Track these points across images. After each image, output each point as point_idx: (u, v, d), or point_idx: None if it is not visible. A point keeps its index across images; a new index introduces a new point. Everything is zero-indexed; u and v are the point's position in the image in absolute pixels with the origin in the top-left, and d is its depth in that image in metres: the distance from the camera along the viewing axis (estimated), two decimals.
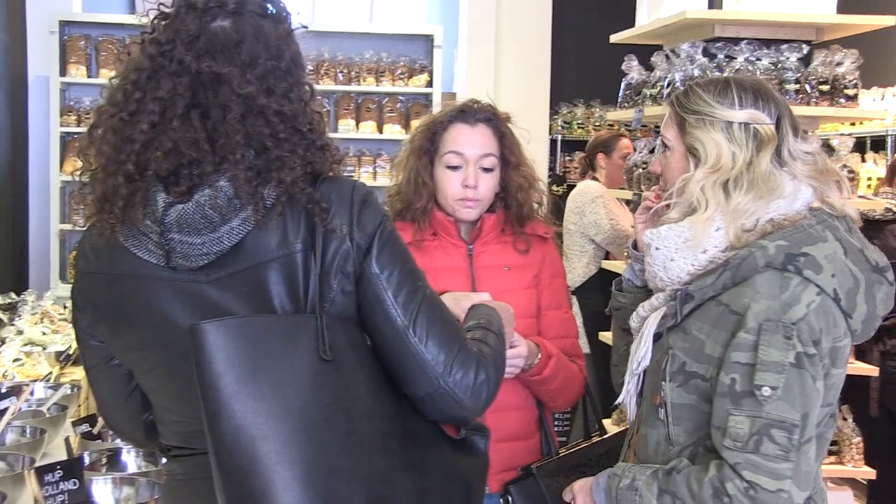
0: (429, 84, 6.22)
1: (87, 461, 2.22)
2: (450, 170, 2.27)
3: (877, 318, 1.72)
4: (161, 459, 2.15)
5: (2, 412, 2.45)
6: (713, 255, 1.73)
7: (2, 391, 2.56)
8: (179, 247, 1.39)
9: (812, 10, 3.43)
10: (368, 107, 6.26)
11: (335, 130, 6.08)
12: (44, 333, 3.73)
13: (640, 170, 3.69)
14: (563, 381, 2.26)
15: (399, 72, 6.24)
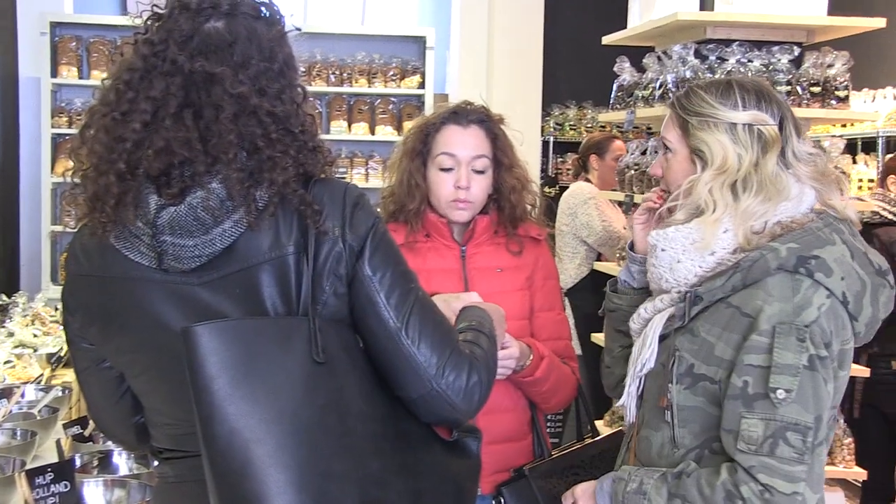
0: (421, 85, 6.23)
1: (79, 463, 2.21)
2: (442, 171, 2.27)
3: (878, 321, 1.72)
4: (152, 462, 2.14)
5: None
6: (721, 257, 1.72)
7: None
8: (171, 249, 1.38)
9: (803, 12, 3.44)
10: (360, 108, 6.26)
11: (327, 132, 6.08)
12: (35, 335, 3.72)
13: (632, 171, 3.69)
14: (556, 383, 2.25)
15: (391, 73, 6.24)
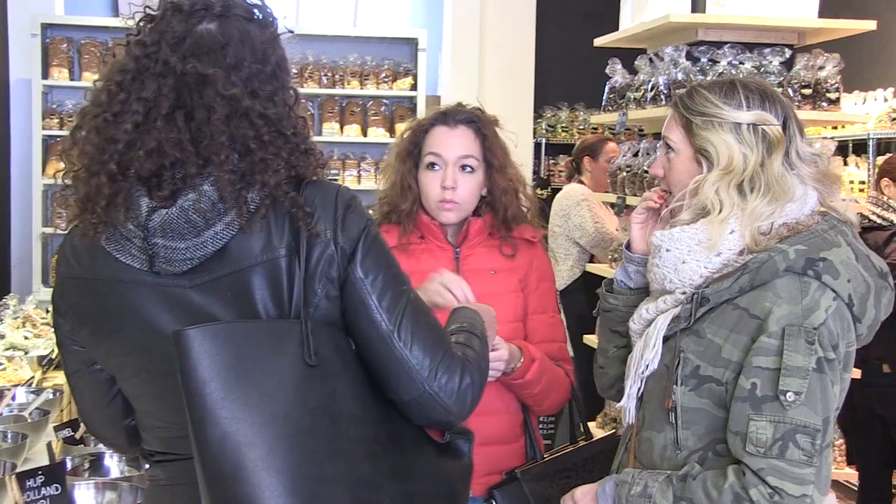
0: (413, 87, 6.22)
1: (70, 466, 2.21)
2: (430, 171, 2.27)
3: (878, 323, 1.72)
4: (144, 465, 2.13)
5: None
6: (727, 258, 1.71)
7: None
8: (163, 252, 1.38)
9: (794, 15, 3.45)
10: (353, 110, 6.25)
11: (319, 134, 6.07)
12: (26, 338, 3.70)
13: (624, 173, 3.70)
14: (548, 386, 2.24)
15: (383, 75, 6.23)
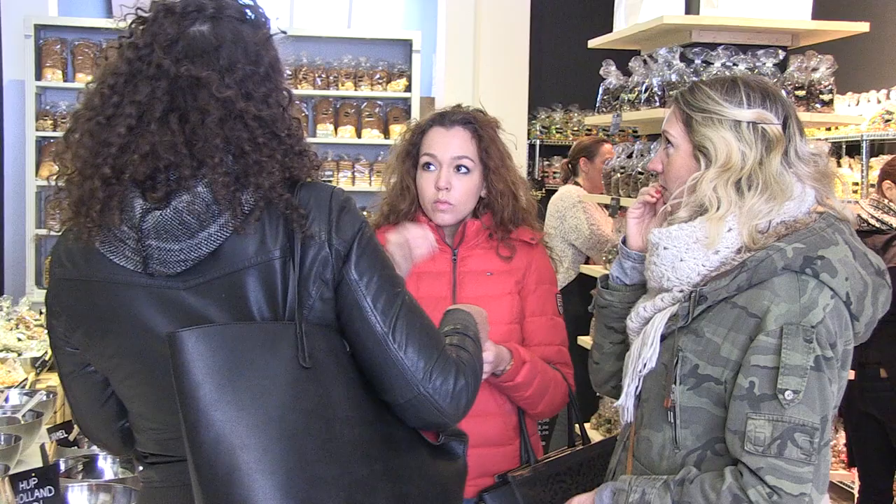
0: (407, 89, 6.23)
1: (63, 468, 2.20)
2: (425, 172, 2.28)
3: (876, 321, 1.72)
4: (137, 466, 2.13)
5: None
6: (725, 257, 1.71)
7: None
8: (157, 253, 1.38)
9: (788, 17, 3.45)
10: (347, 111, 6.25)
11: (313, 135, 6.07)
12: (19, 339, 3.70)
13: (618, 175, 3.70)
14: (541, 388, 2.22)
15: (377, 76, 6.24)
